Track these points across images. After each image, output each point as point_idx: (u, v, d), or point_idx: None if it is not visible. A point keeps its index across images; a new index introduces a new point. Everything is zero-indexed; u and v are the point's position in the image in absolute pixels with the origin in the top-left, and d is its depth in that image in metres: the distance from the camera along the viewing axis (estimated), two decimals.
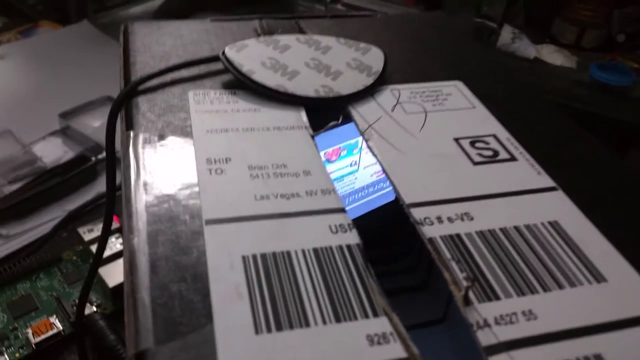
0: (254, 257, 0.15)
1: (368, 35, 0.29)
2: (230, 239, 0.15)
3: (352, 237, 0.16)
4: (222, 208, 0.17)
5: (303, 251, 0.15)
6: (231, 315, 0.13)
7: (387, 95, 0.23)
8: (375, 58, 0.25)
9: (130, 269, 0.14)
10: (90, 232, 0.38)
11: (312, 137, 0.21)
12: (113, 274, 0.35)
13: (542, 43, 0.55)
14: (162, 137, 0.19)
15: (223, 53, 0.23)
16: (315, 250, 0.15)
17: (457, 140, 0.21)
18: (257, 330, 0.13)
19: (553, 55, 0.52)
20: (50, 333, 0.32)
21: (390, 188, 0.31)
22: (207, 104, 0.22)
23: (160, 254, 0.15)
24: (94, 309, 0.34)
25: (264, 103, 0.22)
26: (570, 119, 0.23)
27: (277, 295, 0.14)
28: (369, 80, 0.24)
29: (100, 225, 0.38)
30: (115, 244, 0.37)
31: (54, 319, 0.33)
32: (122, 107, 0.21)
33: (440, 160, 0.20)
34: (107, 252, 0.36)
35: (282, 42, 0.25)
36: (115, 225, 0.38)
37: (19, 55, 0.59)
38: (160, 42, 0.26)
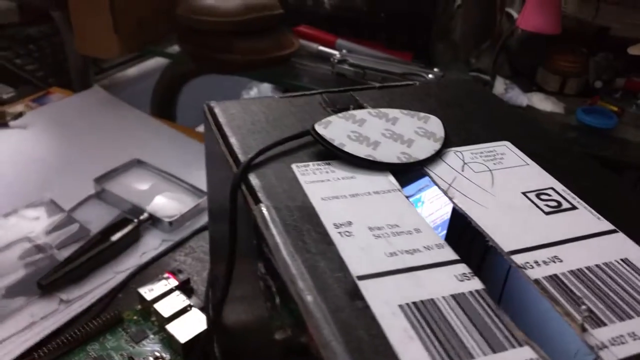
0: (408, 305, 0.18)
1: (415, 103, 0.33)
2: (382, 291, 0.19)
3: (477, 283, 0.20)
4: (365, 265, 0.20)
5: (444, 298, 0.19)
6: (411, 355, 0.17)
7: (453, 157, 0.28)
8: (435, 125, 0.29)
9: (323, 324, 0.18)
10: (151, 292, 0.40)
11: (408, 198, 0.24)
12: (182, 330, 0.37)
13: (530, 91, 0.61)
14: (288, 208, 0.23)
15: (313, 129, 0.27)
16: (453, 297, 0.19)
17: (524, 193, 0.25)
18: None
19: (543, 103, 0.58)
20: None
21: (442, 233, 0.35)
22: (311, 174, 0.25)
23: (337, 306, 0.18)
24: None
25: (356, 171, 0.26)
26: (604, 168, 0.28)
27: (440, 335, 0.17)
28: (437, 146, 0.28)
29: (158, 284, 0.41)
30: (177, 302, 0.39)
31: None
32: (241, 183, 0.25)
33: (518, 212, 0.24)
34: (172, 310, 0.39)
35: (358, 117, 0.29)
36: (174, 283, 0.41)
37: (40, 124, 0.61)
38: (247, 121, 0.29)
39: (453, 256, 0.21)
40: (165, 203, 0.51)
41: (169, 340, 0.38)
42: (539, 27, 0.57)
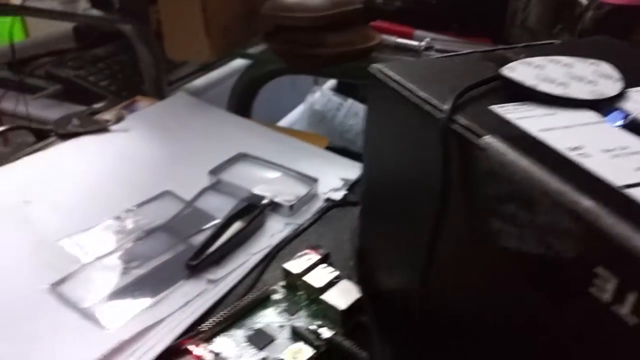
0: None
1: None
2: None
3: None
4: (623, 177, 0.20)
5: None
6: None
7: (638, 93, 0.28)
8: (608, 69, 0.30)
9: (616, 223, 0.18)
10: (296, 267, 0.41)
11: (618, 127, 0.25)
12: (337, 300, 0.38)
13: None
14: (512, 138, 0.24)
15: (501, 74, 0.28)
16: None
17: None
18: None
19: None
20: (307, 355, 0.34)
21: None
22: (514, 113, 0.26)
23: (619, 208, 0.19)
24: (328, 333, 0.36)
25: (553, 109, 0.26)
26: None
27: None
28: (619, 84, 0.28)
29: (300, 260, 0.41)
30: (325, 274, 0.40)
31: (300, 345, 0.35)
32: (450, 123, 0.25)
33: None
34: (323, 281, 0.39)
35: (536, 63, 0.29)
36: (315, 257, 0.42)
37: (139, 126, 0.63)
38: (420, 76, 0.30)
39: None
40: (280, 190, 0.52)
41: (323, 311, 0.38)
42: None
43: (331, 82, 1.06)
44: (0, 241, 0.44)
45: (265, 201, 0.49)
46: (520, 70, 0.28)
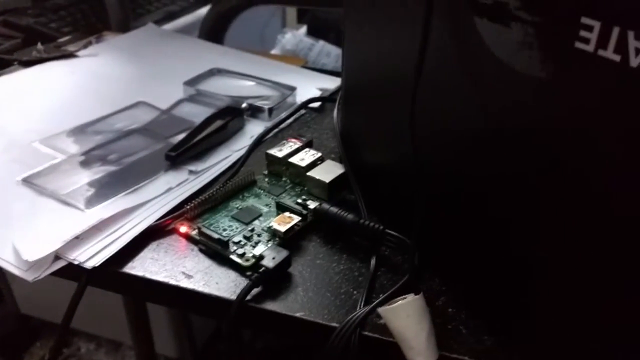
0: None
1: None
2: None
3: None
4: None
5: None
6: None
7: None
8: None
9: None
10: (280, 151, 0.40)
11: None
12: (323, 175, 0.37)
13: None
14: None
15: None
16: None
17: None
18: None
19: None
20: (294, 222, 0.34)
21: None
22: None
23: None
24: (315, 204, 0.36)
25: None
26: None
27: None
28: None
29: (284, 147, 0.41)
30: (309, 155, 0.39)
31: (288, 214, 0.35)
32: None
33: None
34: (307, 161, 0.39)
35: None
36: (298, 144, 0.41)
37: (109, 52, 0.61)
38: None
39: None
40: (257, 98, 0.51)
41: (309, 190, 0.38)
42: None
43: (302, 30, 1.05)
44: None
45: (244, 105, 0.48)
46: None
